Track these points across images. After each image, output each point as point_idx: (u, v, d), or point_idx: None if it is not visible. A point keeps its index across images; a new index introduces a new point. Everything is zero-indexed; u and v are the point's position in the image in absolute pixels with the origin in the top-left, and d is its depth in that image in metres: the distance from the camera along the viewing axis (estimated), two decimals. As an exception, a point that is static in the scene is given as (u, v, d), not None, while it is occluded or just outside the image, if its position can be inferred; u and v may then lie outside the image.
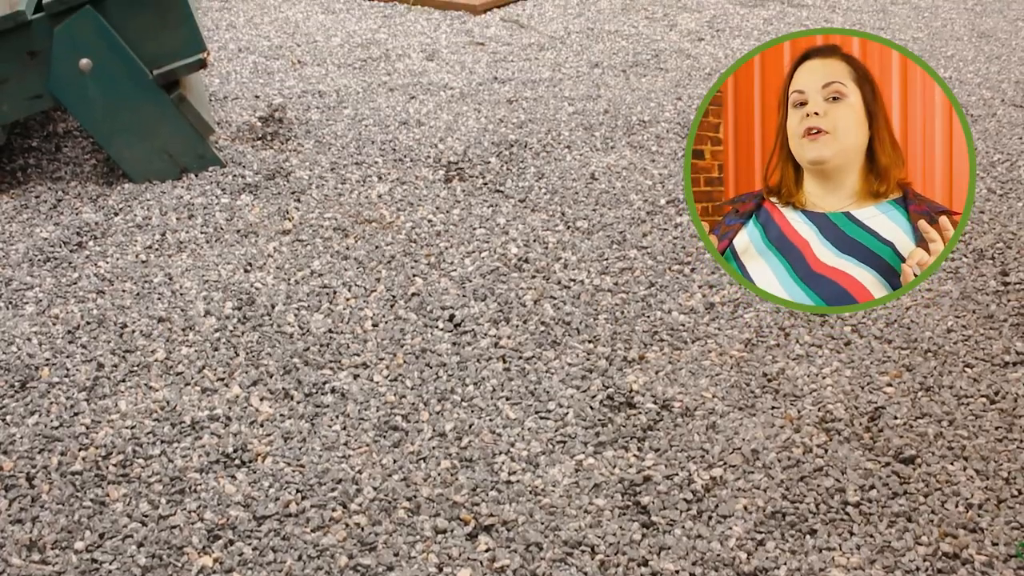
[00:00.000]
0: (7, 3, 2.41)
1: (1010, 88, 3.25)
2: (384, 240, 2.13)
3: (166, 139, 2.41)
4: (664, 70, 3.34)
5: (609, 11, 4.16)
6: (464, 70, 3.30)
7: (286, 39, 3.68)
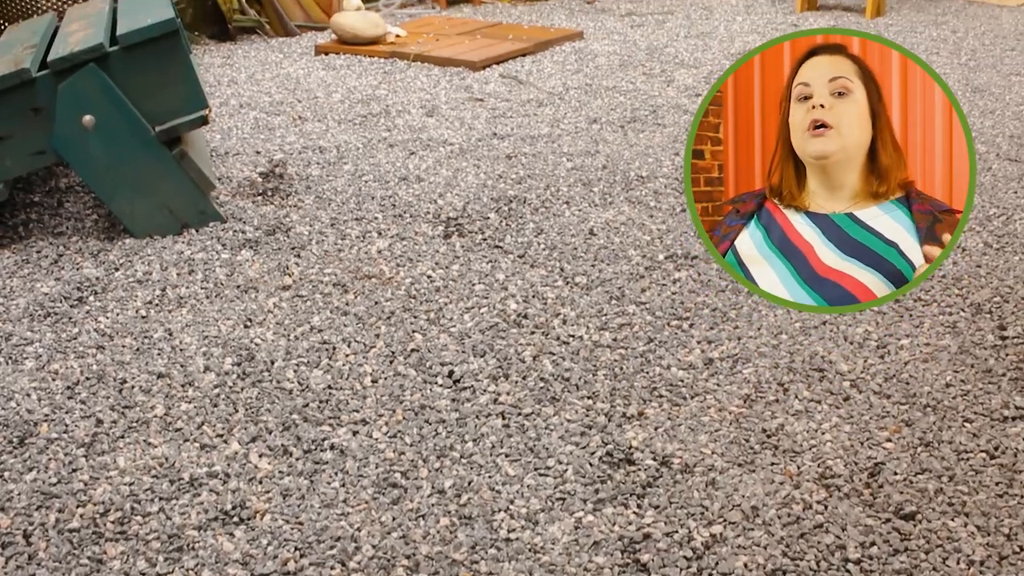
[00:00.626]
0: (12, 60, 2.44)
1: (1005, 142, 3.28)
2: (384, 296, 2.14)
3: (167, 195, 2.42)
4: (662, 125, 3.37)
5: (607, 67, 4.20)
6: (463, 126, 3.33)
7: (287, 95, 3.71)
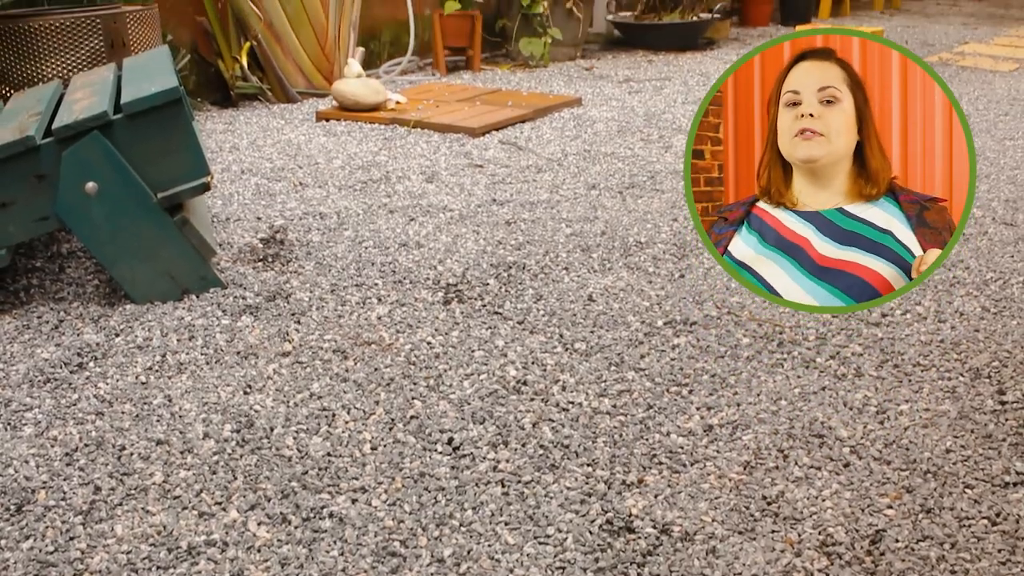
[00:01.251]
0: (17, 128, 2.47)
1: (1000, 207, 3.30)
2: (383, 362, 2.14)
3: (169, 261, 2.43)
4: (660, 191, 3.39)
5: (605, 133, 4.24)
6: (463, 192, 3.36)
7: (288, 161, 3.74)
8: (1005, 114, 4.87)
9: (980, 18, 9.20)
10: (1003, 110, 4.96)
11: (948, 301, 2.52)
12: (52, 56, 3.63)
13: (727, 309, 2.43)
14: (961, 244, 2.92)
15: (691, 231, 2.98)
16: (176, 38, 4.74)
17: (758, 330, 2.31)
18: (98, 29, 3.65)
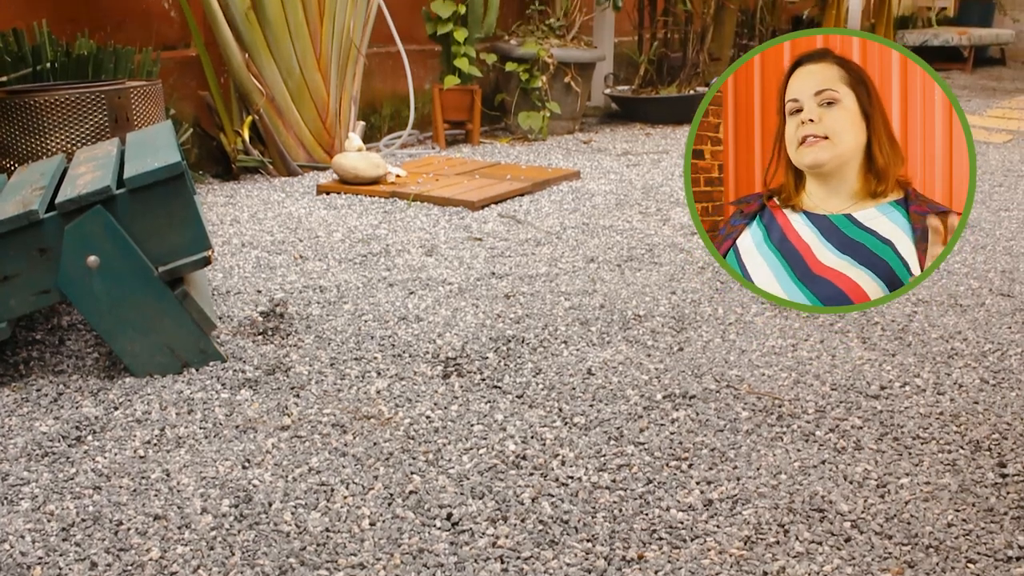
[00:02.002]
0: (21, 202, 2.49)
1: (996, 277, 3.32)
2: (382, 437, 2.14)
3: (169, 334, 2.44)
4: (658, 264, 3.41)
5: (604, 206, 4.28)
6: (462, 265, 3.38)
7: (288, 234, 3.77)
8: (1000, 185, 4.92)
9: (973, 91, 9.32)
10: (998, 181, 5.00)
11: (947, 373, 2.52)
12: (56, 131, 3.68)
13: (726, 382, 2.43)
14: (958, 315, 2.93)
15: (690, 304, 3.00)
16: (179, 112, 4.80)
17: (757, 403, 2.31)
18: (103, 104, 3.70)
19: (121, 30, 4.71)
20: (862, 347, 2.69)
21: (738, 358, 2.59)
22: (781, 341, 2.71)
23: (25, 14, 4.29)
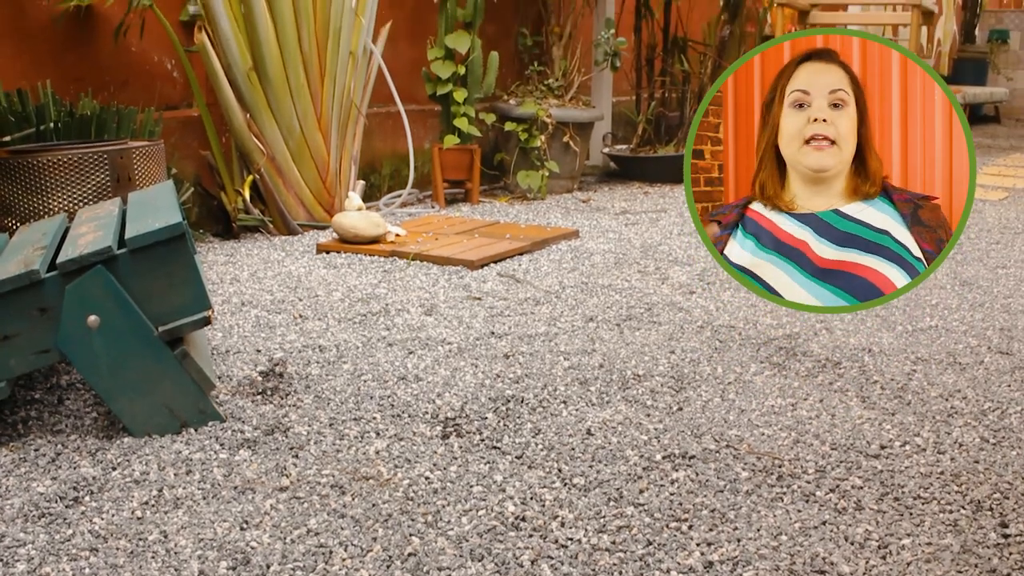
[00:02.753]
0: (23, 261, 2.50)
1: (995, 335, 3.32)
2: (381, 498, 2.13)
3: (168, 394, 2.44)
4: (657, 323, 3.42)
5: (602, 265, 4.29)
6: (462, 324, 3.38)
7: (288, 293, 3.78)
8: (996, 242, 4.94)
9: (969, 150, 9.38)
10: (994, 238, 5.03)
11: (947, 432, 2.52)
12: (59, 190, 3.70)
13: (725, 442, 2.43)
14: (957, 373, 2.93)
15: (689, 363, 3.00)
16: (180, 171, 4.83)
17: (757, 463, 2.31)
18: (105, 164, 3.73)
19: (125, 90, 4.76)
20: (861, 406, 2.69)
21: (737, 417, 2.59)
22: (780, 400, 2.71)
23: (31, 74, 4.34)
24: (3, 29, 4.31)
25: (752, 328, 3.37)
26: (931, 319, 3.52)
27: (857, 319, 3.47)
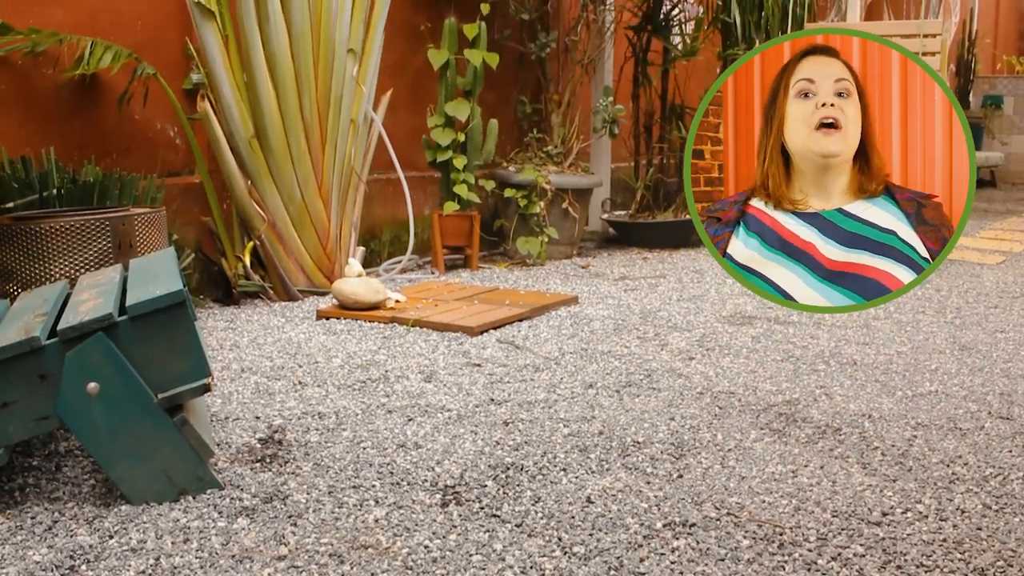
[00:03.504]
0: (23, 328, 2.51)
1: (995, 400, 3.32)
2: (380, 567, 2.12)
3: (167, 462, 2.43)
4: (656, 390, 3.42)
5: (602, 331, 4.30)
6: (461, 391, 3.38)
7: (288, 359, 3.78)
8: (995, 306, 4.95)
9: (966, 215, 9.44)
10: (993, 303, 5.04)
11: (949, 498, 2.51)
12: (61, 256, 3.72)
13: (726, 510, 2.42)
14: (958, 439, 2.93)
15: (688, 430, 2.99)
16: (182, 237, 4.86)
17: (758, 531, 2.29)
18: (107, 231, 3.75)
19: (127, 157, 4.81)
20: (862, 472, 2.68)
21: (738, 485, 2.58)
22: (781, 467, 2.70)
23: (35, 141, 4.38)
24: (9, 98, 4.36)
25: (752, 394, 3.36)
26: (931, 384, 3.52)
27: (856, 384, 3.47)
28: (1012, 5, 16.84)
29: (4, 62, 4.32)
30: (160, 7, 4.95)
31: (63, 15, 4.54)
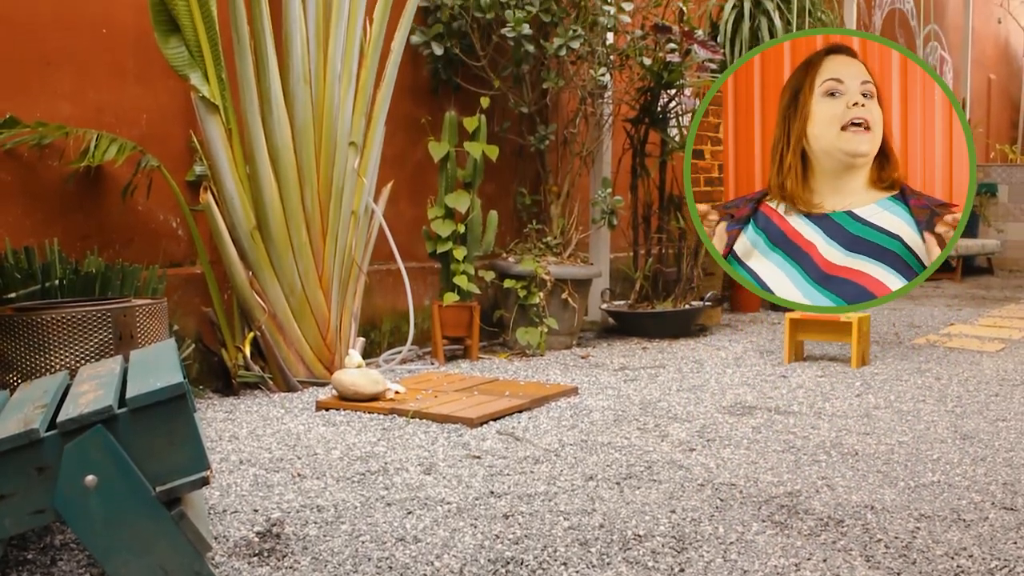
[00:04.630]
0: (22, 420, 2.50)
1: (999, 490, 3.30)
2: (378, 664, 2.09)
3: (163, 556, 2.41)
4: (657, 482, 3.40)
5: (602, 423, 4.28)
6: (461, 484, 3.36)
7: (287, 451, 3.76)
8: (996, 395, 4.93)
9: (963, 299, 9.47)
10: (993, 391, 5.03)
11: (953, 596, 2.48)
12: (61, 348, 3.73)
13: (729, 605, 2.39)
14: (962, 530, 2.90)
15: (690, 523, 2.97)
16: (182, 328, 4.87)
17: (761, 628, 2.27)
18: (108, 322, 3.76)
19: (130, 247, 4.84)
20: (866, 566, 2.65)
21: None
22: (784, 560, 2.68)
23: (39, 231, 4.42)
24: (15, 189, 4.41)
25: (753, 486, 3.34)
26: (933, 474, 3.50)
27: (858, 474, 3.45)
28: (1004, 95, 17.12)
29: (11, 154, 4.38)
30: (165, 102, 5.03)
31: (70, 109, 4.62)
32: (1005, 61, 17.45)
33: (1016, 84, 17.92)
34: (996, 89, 16.42)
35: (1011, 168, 13.44)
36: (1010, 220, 13.08)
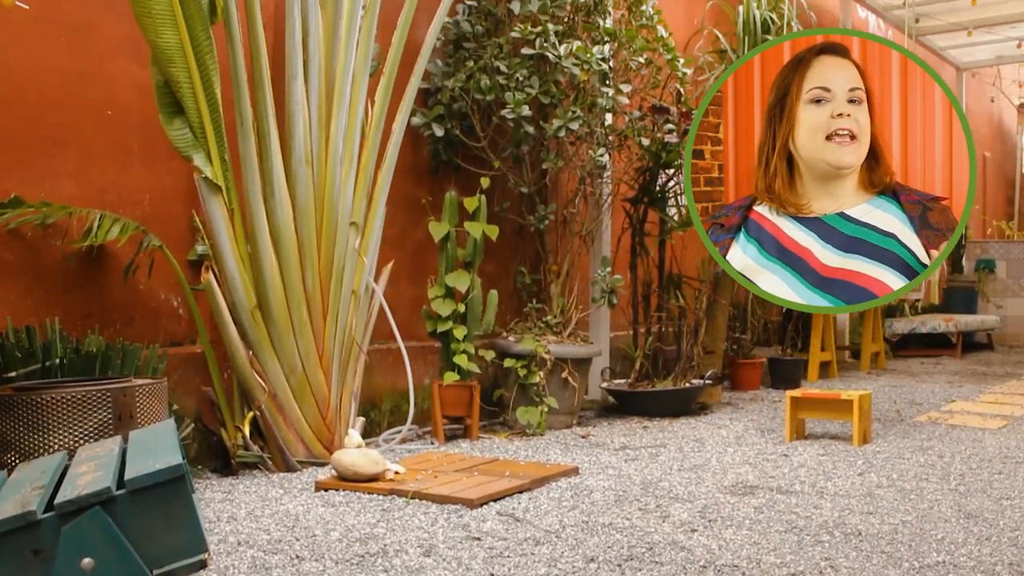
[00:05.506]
0: (19, 501, 2.49)
1: (1004, 571, 3.27)
2: None
3: (159, 641, 2.38)
4: (659, 563, 3.36)
5: (603, 503, 4.25)
6: (460, 566, 3.33)
7: (286, 532, 3.73)
8: (999, 472, 4.90)
9: (964, 376, 9.45)
10: (996, 468, 4.99)
11: None
12: (61, 427, 3.72)
13: None
14: (968, 618, 2.86)
15: (692, 605, 2.94)
16: (182, 407, 4.86)
17: None
18: (107, 402, 3.76)
19: (131, 326, 4.85)
20: (871, 651, 2.62)
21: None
22: (788, 645, 2.64)
23: (40, 310, 4.44)
24: (17, 268, 4.43)
25: (756, 567, 3.31)
26: (938, 555, 3.47)
27: (862, 555, 3.42)
28: (999, 172, 17.27)
29: (14, 233, 4.41)
30: (168, 182, 5.08)
31: (74, 188, 4.66)
32: (999, 139, 17.64)
33: (1011, 161, 18.10)
34: (991, 166, 16.57)
35: (1008, 244, 13.52)
36: (1009, 296, 13.13)
